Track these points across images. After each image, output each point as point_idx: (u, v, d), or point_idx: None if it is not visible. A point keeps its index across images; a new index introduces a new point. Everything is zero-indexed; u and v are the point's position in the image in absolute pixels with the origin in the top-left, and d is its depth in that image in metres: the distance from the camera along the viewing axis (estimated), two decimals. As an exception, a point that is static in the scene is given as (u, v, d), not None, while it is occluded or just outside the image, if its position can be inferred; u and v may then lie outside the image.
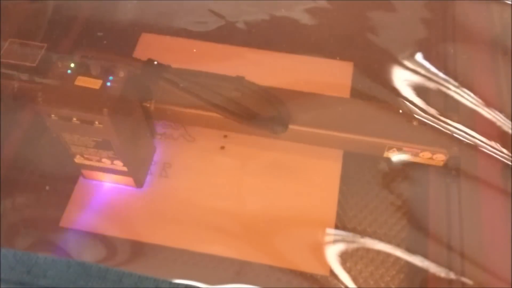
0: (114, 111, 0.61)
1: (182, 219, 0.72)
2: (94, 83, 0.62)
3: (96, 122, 0.61)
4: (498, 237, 0.66)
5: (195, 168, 0.76)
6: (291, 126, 0.71)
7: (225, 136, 0.78)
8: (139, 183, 0.73)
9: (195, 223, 0.71)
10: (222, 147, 0.77)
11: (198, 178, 0.75)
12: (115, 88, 0.62)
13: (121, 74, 0.63)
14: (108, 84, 0.62)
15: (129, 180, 0.72)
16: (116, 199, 0.73)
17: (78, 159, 0.70)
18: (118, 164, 0.69)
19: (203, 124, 0.77)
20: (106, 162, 0.69)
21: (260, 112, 0.72)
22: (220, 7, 0.92)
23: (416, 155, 0.71)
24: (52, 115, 0.62)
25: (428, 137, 0.71)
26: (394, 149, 0.71)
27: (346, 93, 0.81)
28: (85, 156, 0.69)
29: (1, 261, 0.40)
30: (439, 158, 0.71)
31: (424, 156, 0.71)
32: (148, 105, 0.72)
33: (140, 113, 0.71)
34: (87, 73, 0.63)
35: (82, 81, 0.63)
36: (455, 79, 0.80)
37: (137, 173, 0.73)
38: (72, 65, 0.64)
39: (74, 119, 0.62)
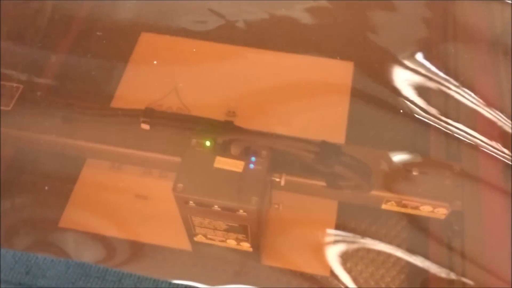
0: (260, 197, 0.55)
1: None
2: (236, 165, 0.56)
3: (241, 211, 0.56)
4: (499, 238, 0.66)
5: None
6: (287, 177, 0.65)
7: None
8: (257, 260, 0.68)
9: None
10: None
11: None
12: (259, 170, 0.56)
13: (264, 153, 0.57)
14: (251, 166, 0.56)
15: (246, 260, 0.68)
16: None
17: (198, 238, 0.64)
18: (244, 246, 0.64)
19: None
20: (231, 243, 0.64)
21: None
22: (220, 7, 0.92)
23: (416, 208, 0.65)
24: (190, 202, 0.56)
25: (429, 189, 0.64)
26: (393, 202, 0.64)
27: (346, 93, 0.81)
28: (209, 236, 0.63)
29: (1, 261, 0.40)
30: (441, 212, 0.65)
31: (424, 210, 0.65)
32: (278, 179, 0.63)
33: (270, 189, 0.64)
34: (226, 153, 0.57)
35: (222, 163, 0.57)
36: (456, 79, 0.80)
37: (259, 250, 0.66)
38: (208, 143, 0.58)
39: (215, 206, 0.56)
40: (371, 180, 0.64)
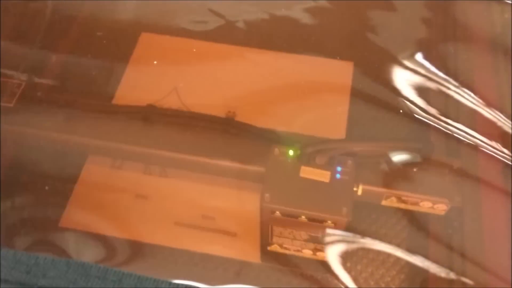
0: (350, 208, 0.55)
1: (182, 219, 0.72)
2: (322, 175, 0.56)
3: (329, 222, 0.55)
4: (499, 238, 0.66)
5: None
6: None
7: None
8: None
9: (195, 223, 0.71)
10: None
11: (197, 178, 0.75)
12: (346, 181, 0.56)
13: (349, 163, 0.57)
14: (338, 176, 0.56)
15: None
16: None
17: (272, 248, 0.64)
18: (320, 255, 0.63)
19: None
20: (306, 253, 0.63)
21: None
22: (220, 7, 0.92)
23: (415, 204, 0.65)
24: (277, 212, 0.56)
25: (429, 185, 0.65)
26: (393, 198, 0.65)
27: (346, 93, 0.81)
28: (285, 246, 0.63)
29: (1, 261, 0.40)
30: (441, 208, 0.65)
31: (424, 206, 0.65)
32: (355, 188, 0.61)
33: None
34: (311, 162, 0.57)
35: (308, 173, 0.56)
36: (456, 79, 0.80)
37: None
38: (291, 152, 0.58)
39: (303, 217, 0.55)
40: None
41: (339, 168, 0.56)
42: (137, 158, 0.73)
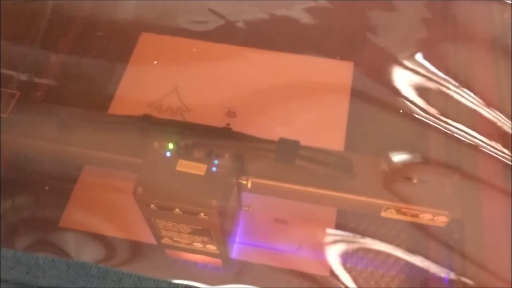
0: (222, 201, 0.55)
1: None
2: (198, 169, 0.55)
3: (202, 214, 0.55)
4: (499, 238, 0.66)
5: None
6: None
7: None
8: (226, 262, 0.68)
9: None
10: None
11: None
12: (221, 174, 0.55)
13: (227, 156, 0.57)
14: (214, 169, 0.56)
15: (217, 260, 0.67)
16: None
17: (165, 241, 0.64)
18: (211, 248, 0.64)
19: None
20: (197, 246, 0.64)
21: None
22: (220, 7, 0.92)
23: (415, 216, 0.64)
24: (151, 205, 0.56)
25: (429, 197, 0.64)
26: (392, 209, 0.64)
27: (346, 93, 0.81)
28: (174, 239, 0.63)
29: (1, 261, 0.40)
30: (441, 220, 0.64)
31: (424, 218, 0.64)
32: (245, 182, 0.63)
33: (236, 191, 0.64)
34: (189, 156, 0.56)
35: (184, 166, 0.56)
36: (456, 79, 0.80)
37: (227, 253, 0.66)
38: (171, 146, 0.58)
39: (177, 210, 0.55)
40: (352, 172, 0.63)
41: (215, 162, 0.56)
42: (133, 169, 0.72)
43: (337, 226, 0.70)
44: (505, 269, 0.63)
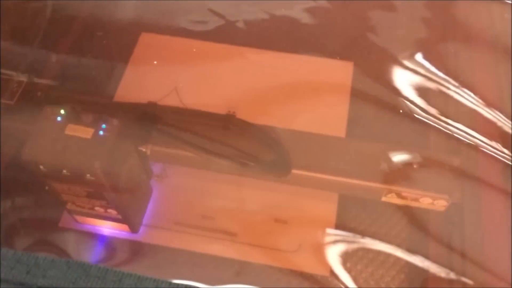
0: (106, 163, 0.57)
1: (182, 219, 0.72)
2: (86, 132, 0.58)
3: (88, 175, 0.58)
4: (499, 237, 0.66)
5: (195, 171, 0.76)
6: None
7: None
8: (134, 229, 0.70)
9: (195, 223, 0.71)
10: None
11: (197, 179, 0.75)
12: (108, 137, 0.58)
13: (115, 121, 0.59)
14: (101, 133, 0.58)
15: (124, 226, 0.69)
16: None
17: (70, 206, 0.67)
18: (112, 212, 0.66)
19: (202, 167, 0.73)
20: (99, 210, 0.66)
21: (258, 155, 0.68)
22: (220, 7, 0.92)
23: (416, 200, 0.66)
24: (41, 166, 0.58)
25: (429, 181, 0.65)
26: (393, 194, 0.66)
27: (346, 93, 0.81)
28: (77, 204, 0.65)
29: (1, 261, 0.40)
30: (441, 204, 0.66)
31: (424, 202, 0.66)
32: (144, 149, 0.67)
33: (135, 158, 0.66)
34: (78, 121, 0.59)
35: (73, 130, 0.58)
36: (456, 79, 0.80)
37: (133, 219, 0.69)
38: (63, 112, 0.60)
39: (64, 171, 0.58)
40: (287, 161, 0.65)
41: (103, 126, 0.58)
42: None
43: (337, 226, 0.70)
44: (505, 269, 0.63)
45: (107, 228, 0.70)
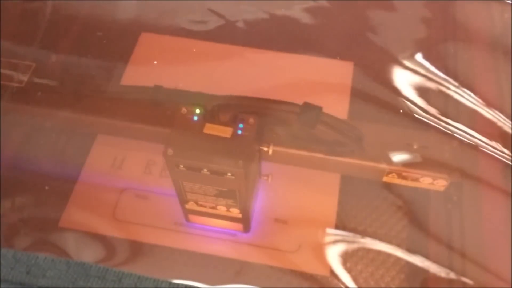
0: (248, 162, 0.57)
1: (182, 219, 0.72)
2: (224, 131, 0.58)
3: (229, 174, 0.58)
4: (499, 237, 0.66)
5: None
6: (285, 150, 0.69)
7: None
8: (247, 228, 0.70)
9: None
10: None
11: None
12: (247, 136, 0.58)
13: (251, 120, 0.59)
14: (239, 132, 0.58)
15: (238, 226, 0.69)
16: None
17: (189, 205, 0.66)
18: (234, 212, 0.66)
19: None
20: (221, 209, 0.66)
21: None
22: (220, 7, 0.92)
23: (416, 180, 0.67)
24: (181, 166, 0.58)
25: (429, 161, 0.67)
26: (394, 174, 0.67)
27: (346, 93, 0.81)
28: (199, 203, 0.65)
29: (1, 261, 0.40)
30: (440, 183, 0.67)
31: (424, 182, 0.67)
32: (266, 148, 0.65)
33: (258, 158, 0.66)
34: (215, 120, 0.59)
35: (211, 129, 0.58)
36: (456, 79, 0.80)
37: (248, 218, 0.69)
38: (198, 111, 0.60)
39: (205, 170, 0.58)
40: (362, 143, 0.67)
41: (241, 125, 0.59)
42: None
43: (337, 226, 0.70)
44: (505, 269, 0.63)
45: (219, 227, 0.70)
